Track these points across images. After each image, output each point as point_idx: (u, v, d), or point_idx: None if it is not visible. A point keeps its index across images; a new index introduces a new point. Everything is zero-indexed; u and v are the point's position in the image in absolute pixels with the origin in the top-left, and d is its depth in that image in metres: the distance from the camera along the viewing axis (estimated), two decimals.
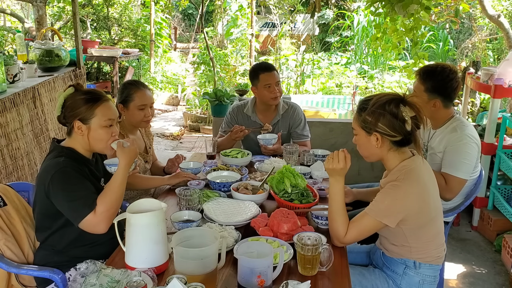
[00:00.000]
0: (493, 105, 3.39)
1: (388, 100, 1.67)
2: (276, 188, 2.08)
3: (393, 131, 1.67)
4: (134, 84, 2.52)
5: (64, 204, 1.71)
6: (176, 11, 13.53)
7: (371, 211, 1.68)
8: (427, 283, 1.79)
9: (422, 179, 1.70)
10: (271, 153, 2.85)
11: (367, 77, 8.48)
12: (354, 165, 4.42)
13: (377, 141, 1.71)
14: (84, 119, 1.79)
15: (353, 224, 1.71)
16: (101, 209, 1.69)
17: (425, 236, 1.76)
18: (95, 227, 1.70)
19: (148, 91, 2.52)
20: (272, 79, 2.85)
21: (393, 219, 1.66)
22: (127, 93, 2.46)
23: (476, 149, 2.27)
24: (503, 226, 3.36)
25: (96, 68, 8.07)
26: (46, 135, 3.39)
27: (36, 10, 5.14)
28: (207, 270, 1.41)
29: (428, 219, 1.73)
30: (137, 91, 2.46)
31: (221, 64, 8.32)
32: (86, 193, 1.72)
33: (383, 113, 1.66)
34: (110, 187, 1.76)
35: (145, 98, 2.46)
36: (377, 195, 1.71)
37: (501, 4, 7.77)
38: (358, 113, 1.75)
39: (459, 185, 2.25)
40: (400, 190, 1.66)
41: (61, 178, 1.71)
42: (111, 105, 1.86)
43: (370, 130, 1.71)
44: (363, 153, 1.80)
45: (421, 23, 3.34)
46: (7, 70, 3.10)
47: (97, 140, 1.82)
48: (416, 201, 1.67)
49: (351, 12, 10.67)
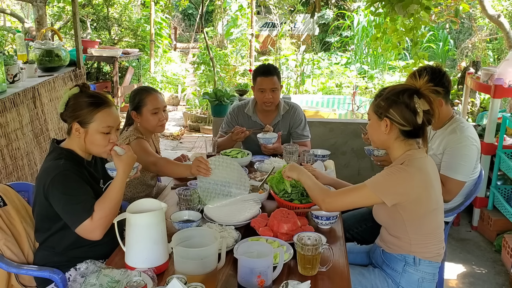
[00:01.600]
0: (493, 105, 3.39)
1: (403, 89, 1.71)
2: (276, 188, 2.08)
3: (403, 120, 1.69)
4: (145, 90, 2.51)
5: (63, 207, 1.71)
6: (176, 11, 13.53)
7: (370, 182, 1.71)
8: (426, 281, 1.79)
9: (426, 169, 1.72)
10: (271, 152, 2.85)
11: (367, 77, 8.48)
12: (354, 165, 4.48)
13: (386, 127, 1.73)
14: (82, 122, 1.78)
15: (345, 189, 1.80)
16: (98, 215, 1.69)
17: (425, 228, 1.76)
18: (91, 233, 1.70)
19: (160, 95, 2.50)
20: (267, 84, 2.84)
21: (390, 198, 1.67)
22: (138, 99, 2.44)
23: (476, 150, 2.27)
24: (503, 226, 3.36)
25: (96, 68, 8.07)
26: (46, 135, 3.39)
27: (36, 10, 5.14)
28: (207, 270, 1.41)
29: (428, 209, 1.74)
30: (149, 96, 2.44)
31: (221, 64, 8.32)
32: (85, 198, 1.72)
33: (396, 101, 1.69)
34: (108, 194, 1.75)
35: (158, 102, 2.44)
36: (381, 172, 1.74)
37: (501, 4, 7.77)
38: (374, 99, 1.80)
39: (457, 187, 2.25)
40: (403, 173, 1.67)
41: (61, 181, 1.71)
42: (113, 112, 1.83)
43: (381, 114, 1.73)
44: (372, 137, 1.84)
45: (421, 23, 3.34)
46: (7, 70, 3.10)
47: (94, 144, 1.81)
48: (417, 187, 1.68)
49: (351, 12, 10.67)
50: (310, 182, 1.85)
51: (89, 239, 1.71)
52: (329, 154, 2.80)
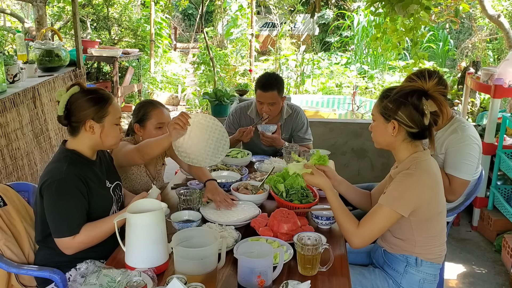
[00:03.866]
0: (493, 105, 3.39)
1: (412, 90, 1.68)
2: (276, 188, 2.08)
3: (411, 122, 1.68)
4: (151, 103, 2.43)
5: (50, 215, 1.72)
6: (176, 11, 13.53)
7: (384, 200, 1.66)
8: (427, 282, 1.79)
9: (433, 171, 1.72)
10: (270, 142, 2.82)
11: (367, 77, 8.49)
12: (354, 165, 4.47)
13: (394, 130, 1.71)
14: (98, 118, 1.79)
15: (365, 218, 1.69)
16: (82, 239, 1.70)
17: (431, 230, 1.76)
18: (66, 249, 1.72)
19: (166, 110, 2.42)
20: (265, 99, 2.79)
21: (406, 208, 1.64)
22: (143, 112, 2.36)
23: (478, 149, 2.27)
24: (503, 226, 3.36)
25: (96, 68, 8.07)
26: (46, 135, 3.39)
27: (36, 10, 5.14)
28: (207, 270, 1.41)
29: (436, 212, 1.73)
30: (155, 109, 2.35)
31: (221, 64, 8.33)
32: (74, 215, 1.71)
33: (404, 103, 1.67)
34: (103, 227, 1.74)
35: (163, 117, 2.35)
36: (390, 184, 1.71)
37: (501, 4, 7.77)
38: (380, 100, 1.76)
39: (462, 187, 2.25)
40: (413, 178, 1.66)
41: (57, 188, 1.70)
42: (117, 103, 1.89)
43: (389, 117, 1.71)
44: (377, 139, 1.80)
45: (421, 23, 3.34)
46: (7, 70, 3.09)
47: (110, 137, 1.83)
48: (428, 190, 1.68)
49: (351, 12, 10.68)
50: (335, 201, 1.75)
51: (61, 250, 1.72)
52: (329, 154, 2.80)
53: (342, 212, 1.72)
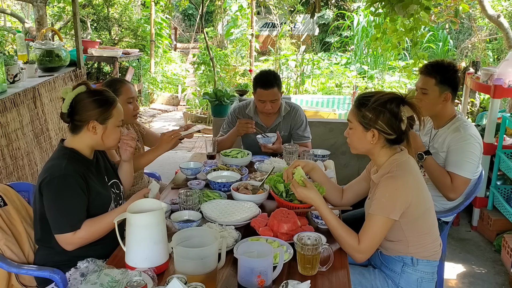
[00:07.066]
0: (493, 105, 3.40)
1: (390, 98, 1.69)
2: (276, 188, 2.08)
3: (391, 130, 1.69)
4: (118, 80, 2.55)
5: (51, 211, 1.72)
6: (176, 11, 13.54)
7: (374, 210, 1.67)
8: (425, 280, 1.80)
9: (414, 169, 1.73)
10: (271, 152, 2.85)
11: (367, 77, 8.49)
12: (354, 165, 4.47)
13: (373, 137, 1.72)
14: (102, 119, 1.81)
15: (362, 231, 1.69)
16: (82, 234, 1.72)
17: (421, 228, 1.76)
18: (67, 245, 1.73)
19: (132, 85, 2.57)
20: (267, 96, 2.81)
21: (398, 212, 1.65)
22: (113, 89, 2.37)
23: (479, 148, 2.27)
24: (503, 226, 3.36)
25: (96, 68, 8.08)
26: (47, 135, 3.39)
27: (36, 10, 5.15)
28: (207, 270, 1.41)
29: (423, 209, 1.74)
30: (123, 86, 2.48)
31: (221, 64, 8.33)
32: (75, 211, 1.72)
33: (383, 111, 1.68)
34: (103, 223, 1.75)
35: (131, 91, 2.50)
36: (376, 192, 1.71)
37: (500, 4, 7.77)
38: (358, 108, 1.74)
39: (464, 185, 2.25)
40: (397, 181, 1.67)
41: (57, 185, 1.70)
42: (121, 106, 1.90)
43: (368, 126, 1.71)
44: (355, 145, 1.81)
45: (421, 23, 3.34)
46: (8, 70, 3.10)
47: (110, 139, 1.86)
48: (413, 190, 1.69)
49: (351, 12, 10.68)
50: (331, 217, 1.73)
51: (62, 247, 1.73)
52: (329, 154, 2.80)
53: (341, 229, 1.70)
